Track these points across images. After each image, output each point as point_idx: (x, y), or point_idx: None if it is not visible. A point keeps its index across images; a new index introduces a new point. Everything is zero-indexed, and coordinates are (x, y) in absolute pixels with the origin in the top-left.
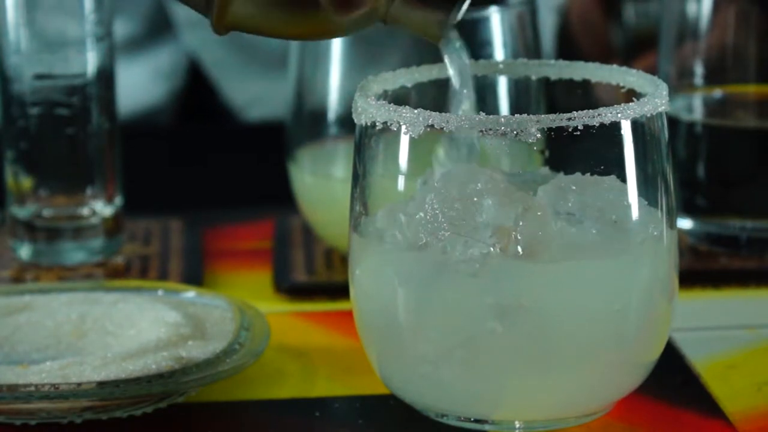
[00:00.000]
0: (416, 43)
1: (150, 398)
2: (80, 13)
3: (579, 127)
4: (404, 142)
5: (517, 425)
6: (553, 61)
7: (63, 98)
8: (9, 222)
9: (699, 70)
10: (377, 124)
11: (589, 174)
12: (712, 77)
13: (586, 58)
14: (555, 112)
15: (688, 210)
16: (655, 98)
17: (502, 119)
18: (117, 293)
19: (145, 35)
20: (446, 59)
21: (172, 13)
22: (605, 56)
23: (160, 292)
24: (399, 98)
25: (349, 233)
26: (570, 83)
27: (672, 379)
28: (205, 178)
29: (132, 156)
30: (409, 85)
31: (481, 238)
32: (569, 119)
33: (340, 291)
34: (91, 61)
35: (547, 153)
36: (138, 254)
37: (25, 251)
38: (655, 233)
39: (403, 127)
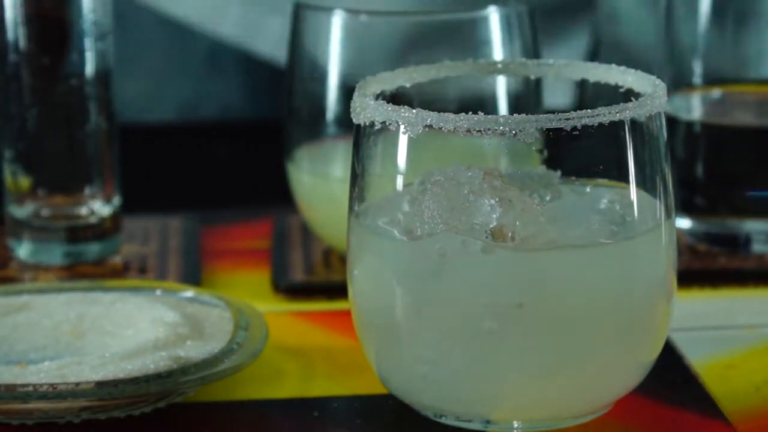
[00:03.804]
0: (413, 42)
1: (148, 398)
2: (79, 12)
3: (577, 127)
4: (402, 141)
5: (516, 425)
6: (551, 61)
7: (61, 98)
8: (7, 221)
9: (697, 69)
10: (376, 123)
11: (587, 174)
12: (711, 76)
13: None
14: (553, 112)
15: (687, 209)
16: (653, 98)
17: (501, 119)
18: (115, 293)
19: None
20: None
21: None
22: None
23: (158, 292)
24: (397, 98)
25: (348, 233)
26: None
27: (670, 379)
28: (203, 178)
29: (130, 155)
30: (407, 84)
31: (478, 237)
32: (567, 119)
33: (339, 290)
34: (89, 61)
35: (545, 153)
36: (136, 254)
37: (23, 251)
38: (654, 233)
39: (402, 127)
